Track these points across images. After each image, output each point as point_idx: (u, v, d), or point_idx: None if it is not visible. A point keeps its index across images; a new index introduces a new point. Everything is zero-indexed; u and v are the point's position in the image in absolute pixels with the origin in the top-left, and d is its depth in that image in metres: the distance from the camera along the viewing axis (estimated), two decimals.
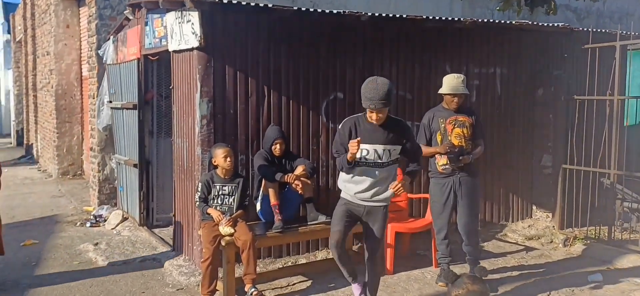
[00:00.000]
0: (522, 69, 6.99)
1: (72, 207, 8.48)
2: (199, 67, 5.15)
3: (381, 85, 3.70)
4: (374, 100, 3.69)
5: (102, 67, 8.13)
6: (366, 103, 3.75)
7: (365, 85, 3.75)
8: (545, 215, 7.00)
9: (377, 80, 3.74)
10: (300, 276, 5.23)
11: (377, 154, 3.87)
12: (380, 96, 3.68)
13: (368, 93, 3.71)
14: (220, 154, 4.65)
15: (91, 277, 5.27)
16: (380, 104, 3.70)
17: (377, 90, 3.68)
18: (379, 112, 3.76)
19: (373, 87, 3.69)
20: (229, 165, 4.66)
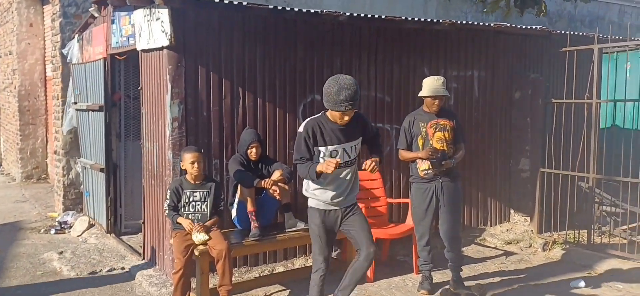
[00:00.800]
0: (499, 71, 6.94)
1: (36, 213, 8.10)
2: (169, 67, 4.91)
3: (349, 85, 3.50)
4: (343, 102, 3.50)
5: (66, 67, 7.78)
6: (335, 106, 3.54)
7: (331, 87, 3.53)
8: (524, 219, 6.96)
9: (346, 80, 3.53)
10: (278, 285, 5.03)
11: (346, 153, 3.74)
12: (350, 97, 3.50)
13: (336, 96, 3.50)
14: (188, 159, 4.43)
15: (56, 289, 4.97)
16: (350, 106, 3.52)
17: (349, 91, 3.49)
18: (350, 114, 3.60)
19: (345, 89, 3.48)
20: (196, 171, 4.43)
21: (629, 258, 5.67)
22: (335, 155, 3.69)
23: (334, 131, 3.69)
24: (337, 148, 3.70)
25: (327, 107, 3.60)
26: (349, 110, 3.54)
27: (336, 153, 3.69)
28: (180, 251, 4.27)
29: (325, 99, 3.57)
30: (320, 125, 3.70)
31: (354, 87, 3.51)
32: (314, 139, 3.68)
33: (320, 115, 3.76)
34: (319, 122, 3.72)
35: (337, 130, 3.69)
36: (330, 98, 3.53)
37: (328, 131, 3.68)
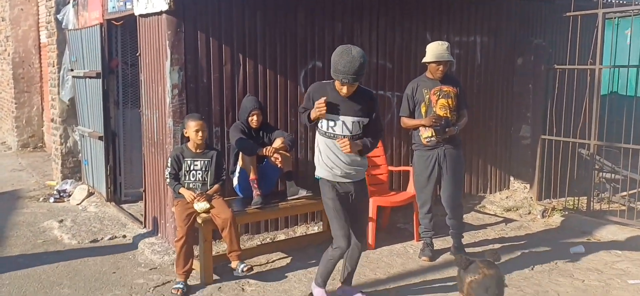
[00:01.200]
0: (502, 37, 6.86)
1: (33, 181, 8.06)
2: (168, 32, 4.81)
3: (356, 58, 3.40)
4: (347, 74, 3.42)
5: (61, 33, 7.64)
6: (338, 75, 3.47)
7: (339, 56, 3.44)
8: (523, 186, 6.97)
9: (352, 51, 3.43)
10: (280, 253, 5.04)
11: (346, 127, 3.63)
12: (354, 70, 3.41)
13: (341, 66, 3.41)
14: (192, 127, 4.35)
15: (58, 257, 4.96)
16: (352, 79, 3.44)
17: (351, 64, 3.39)
18: (348, 87, 3.52)
19: (347, 60, 3.39)
20: (200, 140, 4.37)
21: (628, 224, 5.70)
22: (333, 125, 3.61)
23: (337, 101, 3.59)
24: (334, 118, 3.61)
25: (333, 76, 3.53)
26: (347, 83, 3.46)
27: (333, 123, 3.61)
28: (182, 220, 4.26)
29: (332, 68, 3.50)
30: (324, 90, 3.64)
31: (359, 61, 3.40)
32: (313, 101, 3.64)
33: (330, 82, 3.67)
34: (324, 87, 3.67)
35: (340, 101, 3.59)
36: (333, 66, 3.47)
37: (331, 99, 3.59)
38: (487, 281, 2.12)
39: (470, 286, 2.14)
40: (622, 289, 4.31)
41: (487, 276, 2.13)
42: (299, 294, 4.21)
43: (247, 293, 4.22)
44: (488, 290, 2.12)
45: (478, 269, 2.14)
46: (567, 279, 4.50)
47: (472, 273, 2.15)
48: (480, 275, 2.13)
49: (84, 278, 4.51)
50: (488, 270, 2.14)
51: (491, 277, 2.13)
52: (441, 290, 4.29)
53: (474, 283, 2.13)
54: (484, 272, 2.13)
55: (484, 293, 2.12)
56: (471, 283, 2.14)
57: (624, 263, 4.85)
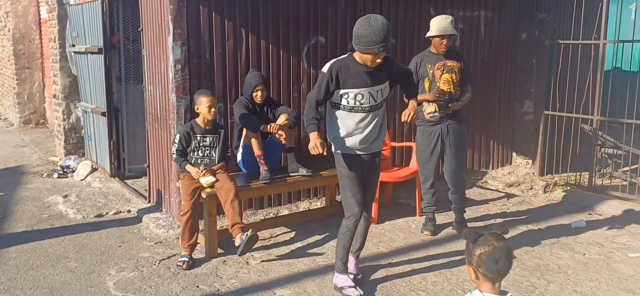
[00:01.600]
0: (506, 11, 6.81)
1: (36, 157, 8.09)
2: (170, 7, 4.79)
3: (384, 25, 3.30)
4: (377, 44, 3.30)
5: (62, 8, 7.59)
6: (368, 48, 3.33)
7: (363, 27, 3.31)
8: (525, 161, 6.99)
9: (378, 20, 3.31)
10: (283, 227, 5.08)
11: (372, 98, 3.56)
12: (383, 38, 3.30)
13: (371, 37, 3.29)
14: (204, 102, 4.34)
15: (63, 232, 5.01)
16: (383, 48, 3.33)
17: (381, 32, 3.28)
18: (381, 56, 3.41)
19: (374, 30, 3.27)
20: (212, 116, 4.37)
21: (630, 199, 5.74)
22: (361, 99, 3.53)
23: (360, 74, 3.49)
24: (363, 91, 3.52)
25: (358, 49, 3.39)
26: (382, 51, 3.35)
27: (362, 96, 3.52)
28: (188, 194, 4.28)
29: (355, 41, 3.37)
30: (347, 66, 3.51)
31: (387, 27, 3.31)
32: (337, 82, 3.50)
33: (347, 56, 3.56)
34: (345, 63, 3.53)
35: (363, 73, 3.49)
36: (362, 40, 3.33)
37: (354, 74, 3.49)
38: (496, 253, 2.13)
39: (480, 259, 2.15)
40: (623, 262, 4.35)
41: (497, 248, 2.14)
42: (302, 267, 4.26)
43: (252, 266, 4.27)
44: (498, 261, 2.13)
45: (487, 241, 2.16)
46: (568, 253, 4.54)
47: (481, 245, 2.16)
48: (490, 247, 2.14)
49: (90, 251, 4.56)
50: (497, 242, 2.16)
51: (500, 249, 2.14)
52: (443, 263, 4.33)
53: (484, 255, 2.14)
54: (494, 244, 2.15)
55: (493, 265, 2.13)
56: (481, 255, 2.15)
57: (625, 237, 4.89)
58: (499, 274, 2.15)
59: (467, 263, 2.25)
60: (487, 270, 2.14)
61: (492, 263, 2.13)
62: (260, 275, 4.12)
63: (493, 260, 2.13)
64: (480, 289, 2.19)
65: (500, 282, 2.18)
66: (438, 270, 4.21)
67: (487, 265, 2.14)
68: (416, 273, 4.14)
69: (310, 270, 4.20)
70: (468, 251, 2.21)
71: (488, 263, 2.14)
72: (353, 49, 3.49)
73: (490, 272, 2.14)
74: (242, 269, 4.21)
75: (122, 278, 4.05)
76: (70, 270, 4.19)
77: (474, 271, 2.19)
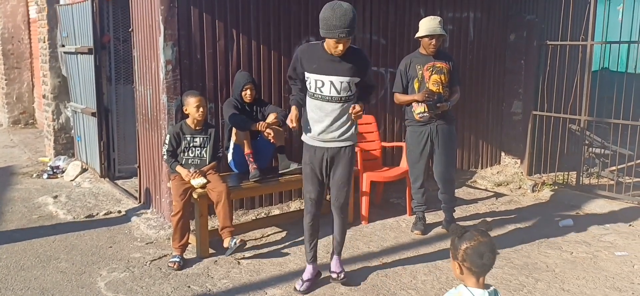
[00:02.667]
0: (495, 13, 6.88)
1: (26, 158, 8.05)
2: (161, 7, 4.79)
3: (347, 11, 3.23)
4: (339, 28, 3.23)
5: (51, 8, 7.56)
6: (328, 33, 3.29)
7: (330, 11, 3.25)
8: (514, 161, 7.06)
9: (343, 5, 3.24)
10: (275, 227, 5.10)
11: (334, 88, 3.50)
12: (347, 23, 3.23)
13: (331, 21, 3.24)
14: (192, 103, 4.35)
15: (54, 232, 4.99)
16: (345, 33, 3.25)
17: (345, 17, 3.22)
18: (345, 42, 3.34)
19: (341, 14, 3.22)
20: (201, 116, 4.38)
21: (616, 198, 5.81)
22: (321, 85, 3.50)
23: (323, 60, 3.46)
24: (323, 79, 3.48)
25: (322, 34, 3.36)
26: (343, 37, 3.28)
27: (322, 84, 3.50)
28: (179, 195, 4.29)
29: (320, 26, 3.33)
30: (312, 50, 3.53)
31: (351, 14, 3.24)
32: (301, 62, 3.53)
33: (319, 42, 3.54)
34: (312, 47, 3.57)
35: (327, 60, 3.45)
36: (324, 23, 3.28)
37: (316, 58, 3.47)
38: (481, 247, 2.18)
39: (465, 253, 2.19)
40: (609, 261, 4.42)
41: (482, 242, 2.19)
42: (294, 267, 4.28)
43: (243, 266, 4.28)
44: (483, 255, 2.17)
45: (473, 236, 2.21)
46: (556, 251, 4.60)
47: (467, 240, 2.21)
48: (476, 242, 2.19)
49: (80, 252, 4.55)
50: (482, 237, 2.21)
51: (485, 244, 2.19)
52: (433, 262, 4.37)
53: (469, 249, 2.19)
54: (479, 239, 2.20)
55: (479, 259, 2.17)
56: (466, 249, 2.19)
57: (612, 236, 4.96)
58: (483, 268, 2.20)
59: (451, 258, 2.29)
60: (472, 264, 2.19)
61: (478, 258, 2.18)
62: (252, 274, 4.14)
63: (478, 254, 2.18)
64: (465, 284, 2.24)
65: (484, 277, 2.24)
66: (428, 268, 4.25)
67: (472, 259, 2.18)
68: (407, 272, 4.18)
69: (302, 270, 4.20)
70: (453, 246, 2.26)
71: (473, 258, 2.18)
72: None
73: (475, 266, 2.19)
74: (234, 269, 4.23)
75: (113, 279, 4.05)
76: (61, 271, 4.19)
77: (459, 266, 2.24)
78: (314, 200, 3.76)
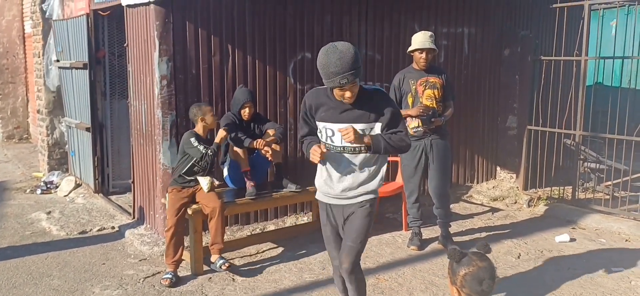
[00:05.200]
0: (489, 28, 6.92)
1: (20, 173, 7.99)
2: (156, 23, 4.79)
3: (343, 52, 2.75)
4: (339, 74, 2.75)
5: (46, 23, 7.55)
6: (329, 82, 2.80)
7: (325, 57, 2.78)
8: (509, 176, 7.06)
9: (338, 47, 2.77)
10: (270, 243, 5.06)
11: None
12: (347, 66, 2.74)
13: (331, 67, 2.75)
14: (208, 111, 4.46)
15: (46, 249, 4.94)
16: (350, 77, 2.77)
17: (342, 59, 2.74)
18: (350, 88, 2.84)
19: (337, 57, 2.74)
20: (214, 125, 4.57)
21: (612, 213, 5.81)
22: (331, 134, 3.01)
23: (334, 107, 2.97)
24: (332, 127, 2.99)
25: (326, 83, 2.87)
26: (346, 84, 2.78)
27: (332, 133, 3.00)
28: (174, 210, 4.26)
29: (321, 74, 2.85)
30: (320, 96, 3.04)
31: (349, 54, 2.75)
32: (311, 110, 3.06)
33: (325, 87, 3.00)
34: (320, 92, 3.05)
35: (338, 107, 2.96)
36: (322, 72, 2.82)
37: (324, 101, 3.01)
38: (481, 274, 2.11)
39: (464, 279, 2.12)
40: (606, 277, 4.40)
41: (481, 268, 2.11)
42: (289, 284, 4.24)
43: (238, 283, 4.24)
44: (482, 282, 2.10)
45: (472, 262, 2.13)
46: (553, 267, 4.58)
47: (466, 265, 2.13)
48: (475, 268, 2.11)
49: (73, 269, 4.50)
50: (481, 262, 2.12)
51: (485, 269, 2.11)
52: (430, 278, 4.34)
53: (469, 275, 2.12)
54: (478, 264, 2.12)
55: (478, 286, 2.10)
56: (465, 275, 2.12)
57: (608, 252, 4.95)
58: (483, 294, 2.12)
59: (449, 282, 2.23)
60: (471, 291, 2.12)
61: (477, 284, 2.10)
62: (247, 291, 4.09)
63: (478, 280, 2.10)
64: None
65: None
66: (425, 285, 4.22)
67: (471, 286, 2.11)
68: (403, 289, 4.15)
69: (297, 287, 4.18)
70: (452, 271, 2.19)
71: (472, 284, 2.11)
72: None
73: (475, 293, 2.11)
74: (228, 286, 4.18)
75: None
76: (54, 288, 4.13)
77: (457, 291, 2.17)
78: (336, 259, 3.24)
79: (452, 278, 2.19)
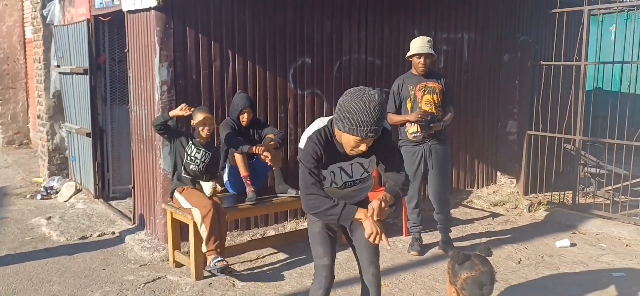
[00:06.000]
0: (489, 33, 6.93)
1: (20, 178, 7.99)
2: (157, 28, 4.80)
3: (380, 104, 2.52)
4: (369, 126, 2.51)
5: (47, 29, 7.57)
6: (357, 130, 2.53)
7: (358, 104, 2.51)
8: (510, 181, 7.06)
9: (374, 97, 2.53)
10: (270, 248, 5.06)
11: (344, 172, 2.85)
12: (377, 120, 2.52)
13: (365, 116, 2.49)
14: (198, 118, 4.46)
15: (47, 254, 4.93)
16: (374, 132, 2.54)
17: (376, 113, 2.50)
18: (368, 143, 2.62)
19: (371, 108, 2.49)
20: (205, 134, 4.49)
21: (613, 218, 5.81)
22: (332, 176, 2.84)
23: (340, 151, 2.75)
24: (333, 168, 2.82)
25: (341, 127, 2.59)
26: (372, 137, 2.56)
27: (333, 174, 2.83)
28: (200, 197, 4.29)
29: (340, 115, 2.57)
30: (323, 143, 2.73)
31: (382, 107, 2.54)
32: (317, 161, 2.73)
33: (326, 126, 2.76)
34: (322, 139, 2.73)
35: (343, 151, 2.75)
36: (349, 117, 2.53)
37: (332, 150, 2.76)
38: (482, 278, 2.14)
39: (465, 282, 2.15)
40: (607, 281, 4.39)
41: (483, 273, 2.15)
42: (290, 289, 4.24)
43: (238, 288, 4.24)
44: (483, 287, 2.13)
45: (474, 266, 2.16)
46: (553, 272, 4.58)
47: (468, 269, 2.16)
48: (476, 272, 2.14)
49: (73, 274, 4.50)
50: (483, 267, 2.16)
51: (486, 273, 2.15)
52: (430, 283, 4.33)
53: (470, 279, 2.14)
54: (480, 269, 2.15)
55: (478, 290, 2.13)
56: (467, 279, 2.15)
57: (609, 256, 4.94)
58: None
59: (449, 283, 2.24)
60: (471, 294, 2.15)
61: (477, 288, 2.14)
62: None
63: (478, 285, 2.13)
64: None
65: None
66: (425, 290, 4.21)
67: (471, 290, 2.14)
68: (404, 293, 4.14)
69: (298, 292, 4.18)
70: (453, 272, 2.21)
71: (473, 288, 2.14)
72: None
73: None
74: (229, 291, 4.18)
75: None
76: (54, 294, 4.13)
77: (456, 292, 2.20)
78: (329, 268, 2.95)
79: (452, 279, 2.23)
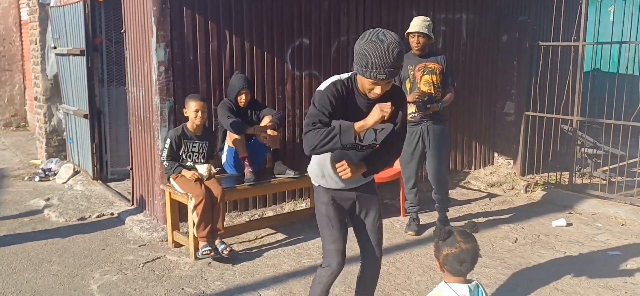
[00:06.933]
0: (488, 14, 6.90)
1: (17, 160, 7.99)
2: (154, 8, 4.77)
3: (391, 46, 2.44)
4: (378, 67, 2.45)
5: (43, 10, 7.52)
6: (364, 71, 2.49)
7: (367, 45, 2.46)
8: (507, 162, 7.08)
9: (387, 37, 2.46)
10: (268, 229, 5.09)
11: (373, 135, 2.77)
12: (390, 62, 2.44)
13: (373, 57, 2.43)
14: (192, 107, 4.33)
15: (45, 235, 4.95)
16: (386, 74, 2.47)
17: (386, 54, 2.43)
18: (385, 85, 2.57)
19: (380, 50, 2.43)
20: (200, 121, 4.37)
21: (609, 198, 5.84)
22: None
23: (360, 106, 2.67)
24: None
25: (356, 69, 2.55)
26: (383, 80, 2.49)
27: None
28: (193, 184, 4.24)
29: (355, 57, 2.53)
30: (344, 91, 2.66)
31: (396, 49, 2.44)
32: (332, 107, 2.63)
33: (348, 77, 2.70)
34: (343, 86, 2.66)
35: (364, 105, 2.66)
36: (361, 58, 2.49)
37: (354, 102, 2.67)
38: (462, 255, 2.23)
39: (446, 258, 2.25)
40: (602, 260, 4.44)
41: (464, 250, 2.23)
42: (288, 268, 4.27)
43: (237, 268, 4.27)
44: (463, 263, 2.23)
45: (455, 243, 2.24)
46: (549, 251, 4.62)
47: (449, 246, 2.25)
48: (457, 250, 2.23)
49: (73, 254, 4.52)
50: (465, 244, 2.24)
51: (467, 251, 2.23)
52: (427, 263, 4.37)
53: (450, 256, 2.24)
54: (461, 247, 2.23)
55: (458, 266, 2.24)
56: (447, 255, 2.25)
57: (604, 236, 4.98)
58: (461, 274, 2.27)
59: (435, 256, 2.36)
60: (451, 269, 2.27)
61: (457, 264, 2.25)
62: (246, 276, 4.12)
63: (458, 261, 2.24)
64: (445, 279, 2.31)
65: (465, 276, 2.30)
66: (422, 269, 4.25)
67: (452, 265, 2.26)
68: (401, 273, 4.18)
69: (296, 271, 4.21)
70: (437, 247, 2.33)
71: (453, 264, 2.25)
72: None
73: (455, 271, 2.27)
74: (227, 271, 4.21)
75: (106, 281, 4.03)
76: (54, 274, 4.15)
77: (440, 265, 2.33)
78: (342, 252, 2.88)
79: (436, 253, 2.34)
